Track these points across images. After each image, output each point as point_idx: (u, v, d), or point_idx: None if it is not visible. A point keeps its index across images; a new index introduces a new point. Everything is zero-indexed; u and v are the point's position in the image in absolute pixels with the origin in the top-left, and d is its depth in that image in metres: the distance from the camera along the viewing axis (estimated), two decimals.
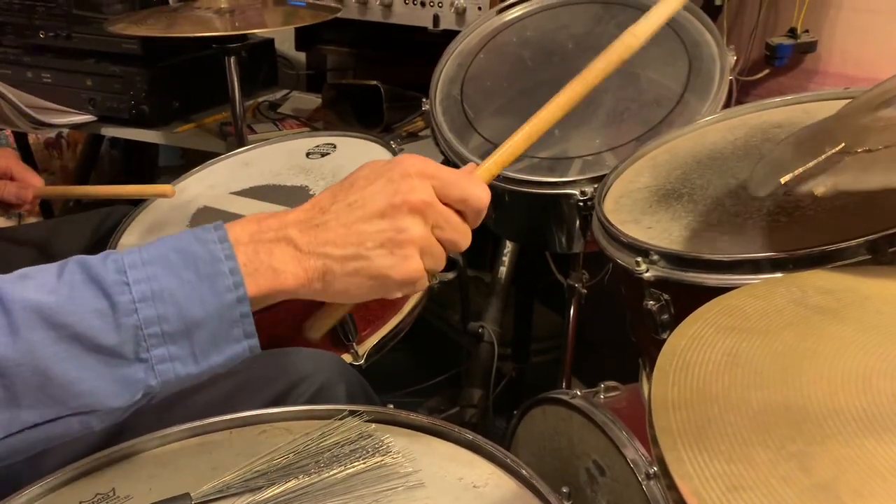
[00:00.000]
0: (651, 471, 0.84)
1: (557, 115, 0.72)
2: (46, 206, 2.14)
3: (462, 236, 0.62)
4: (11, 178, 1.19)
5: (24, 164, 1.22)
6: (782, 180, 0.65)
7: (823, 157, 0.64)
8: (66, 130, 2.27)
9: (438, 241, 0.61)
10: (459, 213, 0.62)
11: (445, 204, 0.61)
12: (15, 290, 0.52)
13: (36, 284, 0.53)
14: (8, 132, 2.19)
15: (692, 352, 0.49)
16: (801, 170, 0.64)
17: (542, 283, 1.67)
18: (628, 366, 1.03)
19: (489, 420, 1.57)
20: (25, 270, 0.55)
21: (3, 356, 0.50)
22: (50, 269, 0.55)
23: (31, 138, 2.17)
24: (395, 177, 0.60)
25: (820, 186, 0.62)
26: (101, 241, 1.19)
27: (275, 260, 0.58)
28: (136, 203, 1.25)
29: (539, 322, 1.77)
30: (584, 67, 0.73)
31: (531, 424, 1.07)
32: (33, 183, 1.19)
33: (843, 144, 0.64)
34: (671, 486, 0.39)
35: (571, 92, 0.72)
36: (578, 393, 0.98)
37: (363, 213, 0.59)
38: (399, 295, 0.62)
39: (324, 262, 0.59)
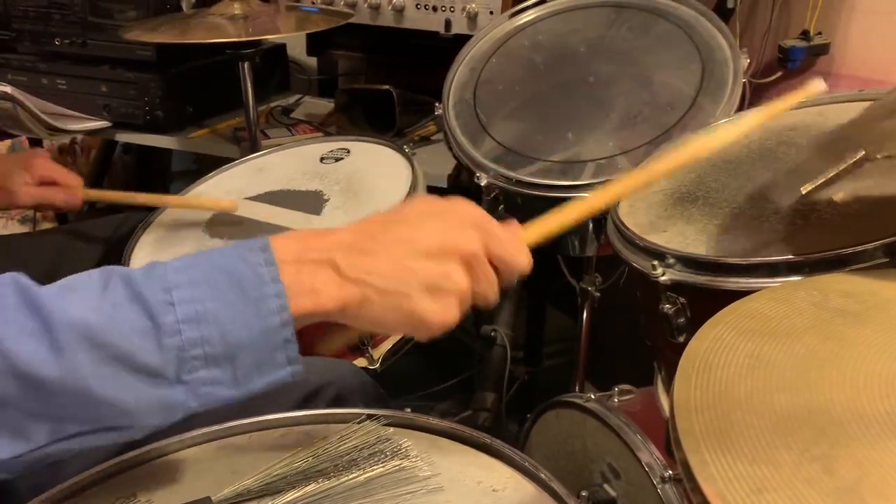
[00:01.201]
0: (666, 474, 0.84)
1: (614, 197, 0.71)
2: (61, 213, 2.15)
3: (493, 293, 0.62)
4: (53, 183, 1.19)
5: (60, 166, 1.23)
6: (803, 190, 0.65)
7: (844, 165, 0.64)
8: (80, 136, 2.29)
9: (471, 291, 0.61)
10: (495, 269, 0.61)
11: (487, 258, 0.60)
12: (58, 307, 0.51)
13: (79, 299, 0.52)
14: (23, 138, 2.21)
15: (714, 355, 0.49)
16: (822, 179, 0.64)
17: (554, 286, 1.67)
18: (641, 369, 1.03)
19: (502, 424, 1.57)
20: (69, 281, 0.54)
21: (45, 374, 0.50)
22: (93, 280, 0.54)
23: (46, 144, 2.19)
24: (450, 221, 0.60)
25: (840, 193, 0.62)
26: (117, 246, 1.20)
27: (316, 281, 0.57)
28: (151, 209, 1.26)
29: (551, 325, 1.77)
30: (600, 78, 0.73)
31: (545, 428, 1.07)
32: (74, 184, 1.20)
33: (863, 152, 0.64)
34: (695, 489, 0.39)
35: (630, 180, 0.71)
36: (592, 396, 0.98)
37: (413, 249, 0.58)
38: (424, 337, 0.61)
39: (363, 291, 0.57)
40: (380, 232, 0.59)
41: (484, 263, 0.60)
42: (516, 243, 0.63)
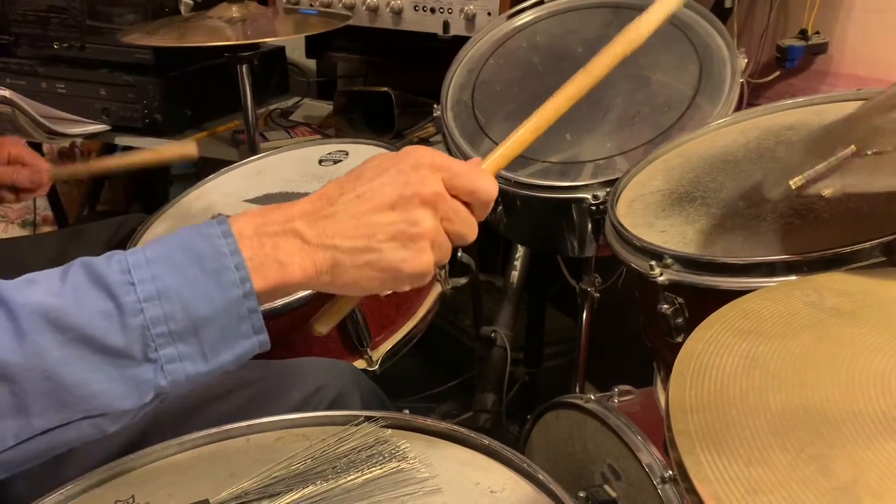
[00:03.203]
0: (666, 474, 0.84)
1: (562, 108, 0.70)
2: (61, 215, 2.16)
3: (469, 229, 0.61)
4: (23, 165, 1.18)
5: (32, 148, 1.22)
6: (791, 183, 0.64)
7: (833, 159, 0.64)
8: (80, 140, 2.29)
9: (446, 233, 0.60)
10: (467, 205, 0.61)
11: (454, 196, 0.60)
12: (20, 295, 0.52)
13: (41, 288, 0.53)
14: (23, 143, 2.21)
15: (709, 355, 0.49)
16: (810, 172, 0.64)
17: (554, 287, 1.67)
18: (641, 369, 1.03)
19: (502, 425, 1.56)
20: (30, 275, 0.54)
21: (11, 361, 0.50)
22: (54, 272, 0.54)
23: (45, 148, 2.19)
24: (406, 168, 0.59)
25: (828, 188, 0.62)
26: (117, 248, 1.19)
27: (281, 253, 0.57)
28: (151, 211, 1.26)
29: (551, 326, 1.77)
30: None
31: (545, 429, 1.07)
32: (44, 167, 1.19)
33: (853, 147, 0.64)
34: (690, 490, 0.39)
35: (576, 85, 0.71)
36: (592, 397, 0.97)
37: (373, 204, 0.58)
38: (407, 288, 0.61)
39: (332, 255, 0.57)
40: (337, 194, 0.59)
41: (449, 200, 0.60)
42: (477, 172, 0.62)
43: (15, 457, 0.52)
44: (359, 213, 0.58)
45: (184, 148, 1.15)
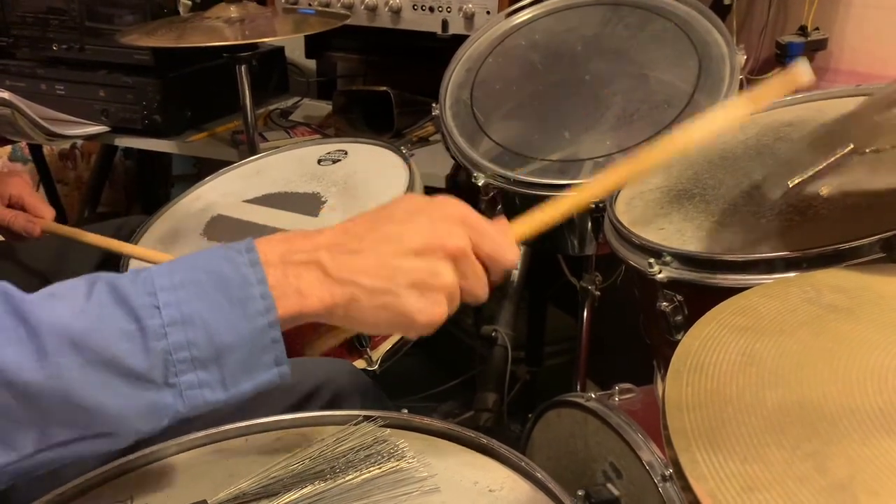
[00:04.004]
0: (667, 473, 0.84)
1: (601, 190, 0.70)
2: (61, 217, 2.16)
3: (483, 290, 0.61)
4: (22, 208, 1.16)
5: (37, 194, 1.20)
6: (790, 183, 0.64)
7: (832, 158, 0.63)
8: (80, 141, 2.29)
9: (460, 288, 0.60)
10: (484, 265, 0.61)
11: (475, 255, 0.60)
12: (43, 312, 0.51)
13: (64, 305, 0.52)
14: (23, 144, 2.22)
15: (706, 353, 0.49)
16: (809, 172, 0.64)
17: (555, 285, 1.66)
18: (642, 367, 1.03)
19: (504, 424, 1.56)
20: (53, 289, 0.54)
21: (32, 380, 0.50)
22: (79, 287, 0.54)
23: (46, 150, 2.19)
24: (437, 218, 0.59)
25: (826, 187, 0.62)
26: (115, 252, 1.20)
27: (302, 283, 0.56)
28: (150, 212, 1.26)
29: (552, 325, 1.77)
30: (596, 76, 0.72)
31: (546, 428, 1.06)
32: (43, 214, 1.16)
33: (851, 145, 0.64)
34: (686, 488, 0.39)
35: (620, 171, 0.70)
36: (593, 395, 0.97)
37: (400, 248, 0.58)
38: (413, 336, 0.61)
39: (352, 291, 0.57)
40: (365, 231, 0.59)
41: (472, 260, 0.60)
42: (504, 239, 0.62)
43: (31, 464, 0.52)
44: (384, 254, 0.58)
45: (162, 255, 1.13)
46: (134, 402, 0.52)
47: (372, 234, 0.59)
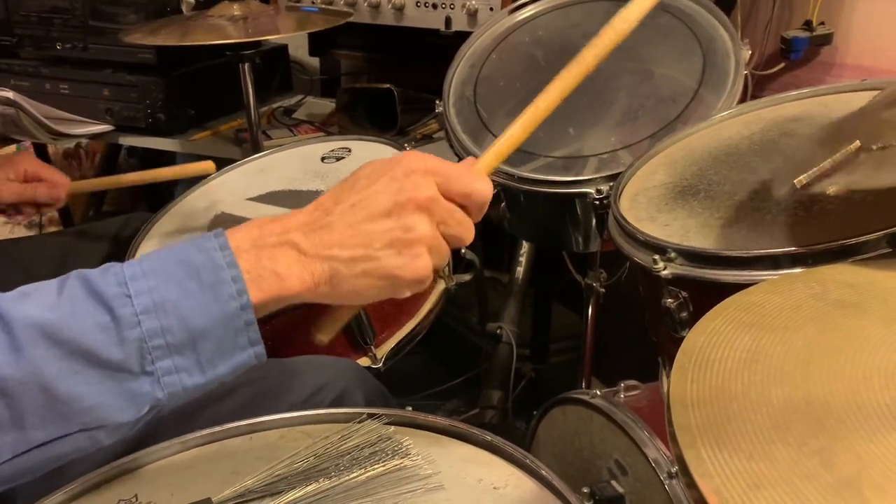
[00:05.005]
0: (673, 470, 0.84)
1: (554, 103, 0.70)
2: (66, 216, 2.16)
3: (466, 231, 0.61)
4: (39, 180, 1.20)
5: (48, 164, 1.23)
6: (797, 182, 0.64)
7: (838, 156, 0.63)
8: (84, 140, 2.29)
9: (443, 236, 0.60)
10: (463, 207, 0.61)
11: (449, 199, 0.60)
12: (16, 308, 0.51)
13: (36, 301, 0.53)
14: (28, 144, 2.22)
15: (711, 349, 0.49)
16: (815, 170, 0.63)
17: (560, 282, 1.66)
18: (648, 364, 1.02)
19: (509, 421, 1.56)
20: (25, 288, 0.54)
21: (7, 375, 0.50)
22: (50, 285, 0.54)
23: (51, 149, 2.20)
24: (399, 174, 0.59)
25: (833, 185, 0.61)
26: (121, 248, 1.21)
27: (278, 265, 0.57)
28: (155, 210, 1.26)
29: (557, 322, 1.77)
30: (600, 72, 0.72)
31: (551, 425, 1.06)
32: (62, 181, 1.20)
33: (857, 142, 0.63)
34: (691, 485, 0.39)
35: (566, 77, 0.71)
36: (598, 393, 0.97)
37: (368, 212, 0.58)
38: (407, 294, 0.61)
39: (330, 265, 0.58)
40: (332, 204, 0.59)
41: (445, 204, 0.60)
42: (471, 174, 0.62)
43: (10, 470, 0.52)
44: (354, 222, 0.58)
45: (202, 166, 1.17)
46: (112, 391, 0.53)
47: (339, 205, 0.59)
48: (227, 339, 0.55)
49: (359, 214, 0.58)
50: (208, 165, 1.17)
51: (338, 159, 1.28)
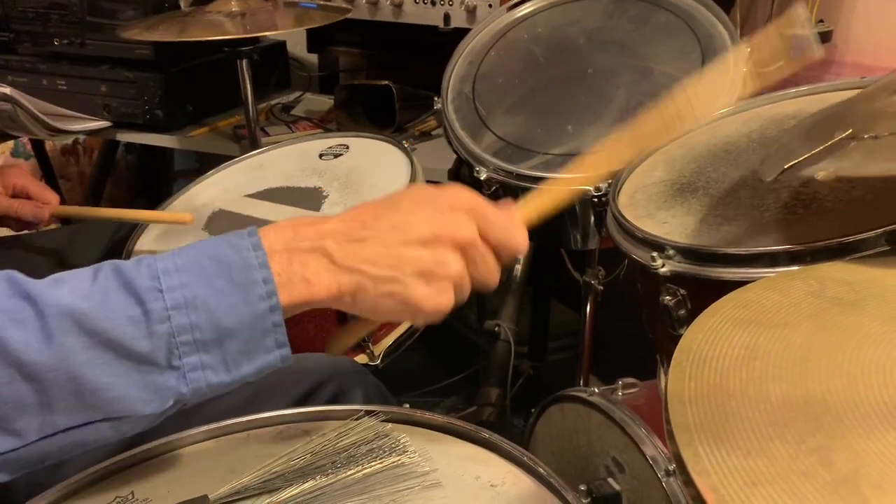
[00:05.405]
0: (671, 467, 0.84)
1: (603, 167, 0.70)
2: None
3: (492, 276, 0.62)
4: (28, 197, 1.17)
5: (39, 181, 1.21)
6: (786, 165, 0.64)
7: (830, 142, 0.63)
8: (82, 137, 2.29)
9: (469, 275, 0.60)
10: (494, 251, 0.61)
11: (484, 242, 0.60)
12: (49, 295, 0.52)
13: (70, 288, 0.53)
14: (25, 140, 2.21)
15: (709, 346, 0.49)
16: (806, 155, 0.63)
17: (558, 280, 1.66)
18: (646, 362, 1.02)
19: (507, 419, 1.56)
20: (60, 275, 0.55)
21: (38, 361, 0.50)
22: (84, 273, 0.55)
23: (48, 145, 2.19)
24: (444, 208, 0.59)
25: (821, 171, 0.61)
26: (118, 245, 1.20)
27: (308, 270, 0.57)
28: (152, 207, 1.25)
29: (555, 320, 1.77)
30: (599, 69, 0.72)
31: (549, 423, 1.06)
32: (50, 200, 1.17)
33: (850, 130, 0.63)
34: (688, 482, 0.38)
35: (616, 145, 0.72)
36: (596, 390, 0.97)
37: (406, 237, 0.58)
38: (421, 323, 0.62)
39: (358, 279, 0.58)
40: (372, 219, 0.59)
41: (480, 248, 0.60)
42: (511, 224, 0.62)
43: (36, 452, 0.53)
44: (390, 243, 0.58)
45: (181, 216, 1.16)
46: (138, 384, 0.53)
47: (378, 222, 0.59)
48: (255, 339, 0.55)
49: (396, 237, 0.58)
50: (187, 217, 1.16)
51: (336, 156, 1.28)
